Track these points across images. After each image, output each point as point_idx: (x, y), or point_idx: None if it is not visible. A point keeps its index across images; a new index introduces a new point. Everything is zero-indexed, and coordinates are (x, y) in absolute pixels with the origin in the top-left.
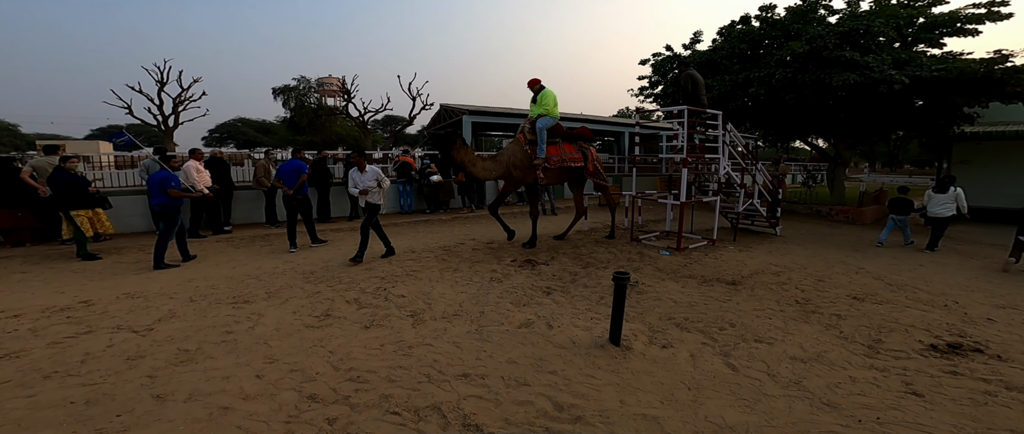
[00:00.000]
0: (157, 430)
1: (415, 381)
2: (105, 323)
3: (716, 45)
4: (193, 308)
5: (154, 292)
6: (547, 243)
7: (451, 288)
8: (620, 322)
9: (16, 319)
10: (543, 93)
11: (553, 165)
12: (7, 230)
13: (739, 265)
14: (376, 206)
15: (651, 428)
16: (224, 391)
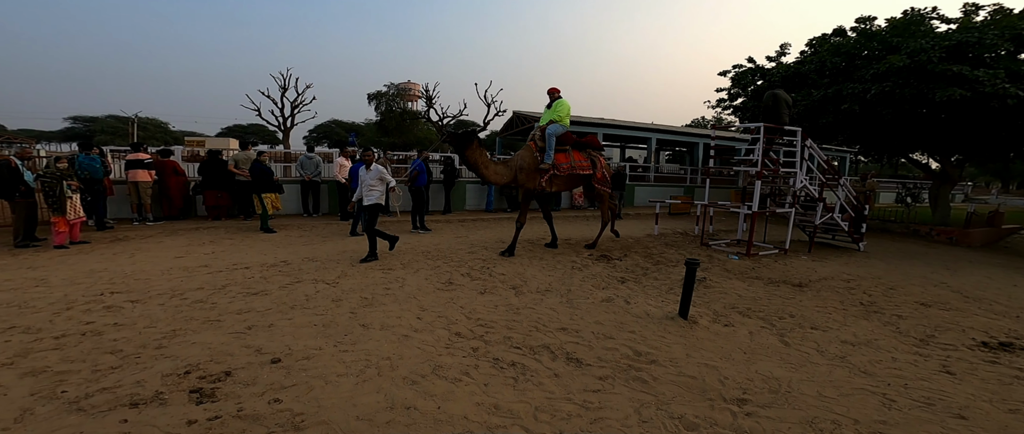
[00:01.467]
0: (371, 345)
1: (526, 330)
2: (305, 276)
3: (804, 57)
4: (356, 270)
5: (324, 257)
6: (620, 244)
7: (540, 271)
8: (689, 299)
9: (248, 270)
10: (558, 102)
11: (562, 172)
12: (211, 207)
13: (809, 271)
14: (377, 205)
15: (710, 373)
16: (400, 325)
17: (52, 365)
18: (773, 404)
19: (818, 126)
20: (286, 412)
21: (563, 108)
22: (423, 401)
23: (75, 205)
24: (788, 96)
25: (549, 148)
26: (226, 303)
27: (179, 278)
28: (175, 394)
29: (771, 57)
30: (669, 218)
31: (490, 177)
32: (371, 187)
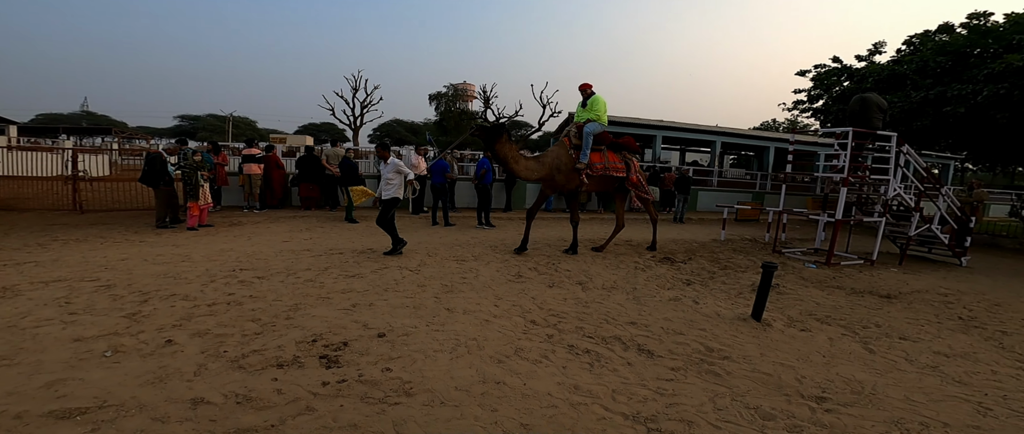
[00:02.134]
0: (458, 326)
1: (597, 322)
2: (390, 263)
3: (901, 56)
4: (433, 259)
5: (407, 246)
6: (683, 247)
7: (604, 269)
8: (764, 302)
9: (342, 255)
10: (594, 99)
11: (596, 172)
12: (305, 198)
13: (900, 284)
14: (394, 199)
15: (787, 372)
16: (480, 311)
17: (211, 329)
18: (855, 403)
19: (913, 130)
20: (396, 379)
21: (600, 105)
22: (510, 378)
23: (205, 192)
24: (881, 100)
25: (586, 147)
26: (331, 283)
27: (289, 259)
28: (309, 359)
29: (862, 56)
30: (735, 224)
31: (520, 173)
32: (388, 181)
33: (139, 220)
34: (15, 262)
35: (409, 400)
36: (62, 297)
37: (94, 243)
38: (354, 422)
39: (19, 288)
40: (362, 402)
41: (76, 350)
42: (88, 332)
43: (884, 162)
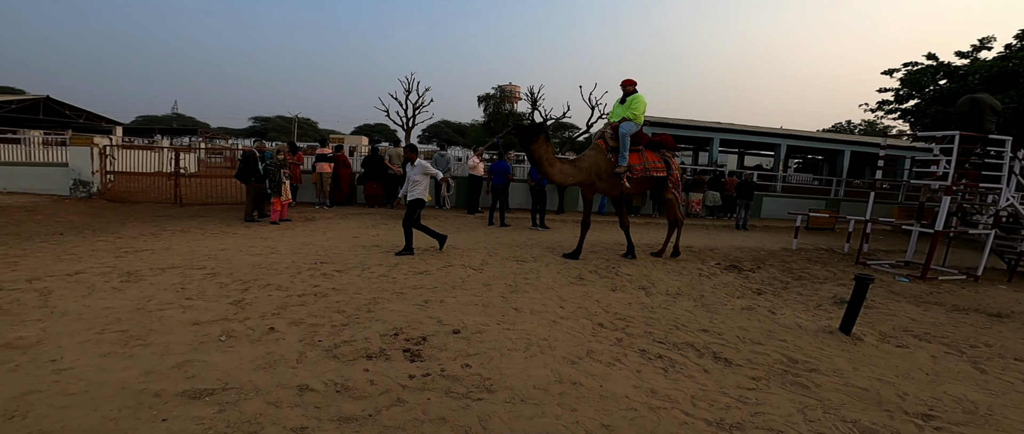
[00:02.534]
0: (528, 326)
1: (666, 328)
2: (454, 261)
3: (1011, 51)
4: (494, 260)
5: (465, 245)
6: (751, 255)
7: (666, 275)
8: (855, 316)
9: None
10: (635, 97)
11: (636, 174)
12: (369, 196)
13: (1011, 302)
14: (419, 201)
15: (886, 388)
16: (547, 312)
17: (304, 318)
18: (969, 423)
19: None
20: (476, 376)
21: (640, 105)
22: (586, 379)
23: (286, 189)
24: (994, 101)
25: (623, 149)
26: (402, 279)
27: (362, 254)
28: (394, 352)
29: (964, 53)
30: (806, 233)
31: (554, 176)
32: (415, 182)
33: (228, 213)
34: (135, 250)
35: (491, 396)
36: (177, 283)
37: (196, 234)
38: (442, 416)
39: (141, 274)
40: (447, 396)
41: (196, 333)
42: (203, 316)
43: (995, 169)
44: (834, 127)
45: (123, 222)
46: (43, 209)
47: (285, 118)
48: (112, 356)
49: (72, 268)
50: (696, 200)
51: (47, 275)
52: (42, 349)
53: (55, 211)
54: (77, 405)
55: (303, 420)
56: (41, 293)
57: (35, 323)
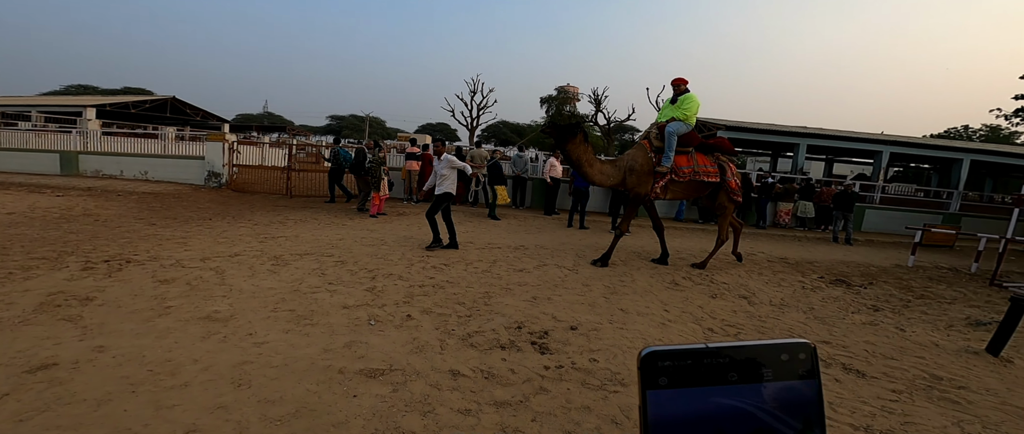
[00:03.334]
0: (639, 327)
1: (782, 336)
2: (547, 260)
3: None
4: (583, 261)
5: (551, 245)
6: (859, 270)
7: (765, 285)
8: (1007, 337)
9: (500, 249)
10: (686, 96)
11: (682, 178)
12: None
13: None
14: (447, 194)
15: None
16: (652, 314)
17: (431, 308)
18: None
19: None
20: (606, 370)
21: (693, 105)
22: None
23: (385, 184)
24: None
25: (669, 149)
26: (506, 275)
27: (461, 250)
28: (523, 343)
29: None
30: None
31: (594, 177)
32: (443, 176)
33: (331, 205)
34: (271, 236)
35: (625, 390)
36: (316, 269)
37: (313, 224)
38: (586, 404)
39: (285, 258)
40: (584, 387)
41: (349, 316)
42: (348, 301)
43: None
44: (947, 132)
45: (252, 210)
46: (186, 196)
47: (358, 117)
48: (293, 333)
49: (230, 250)
50: (785, 210)
51: (214, 255)
52: (237, 324)
53: (196, 199)
54: (284, 377)
55: (464, 403)
56: (216, 272)
57: (222, 299)
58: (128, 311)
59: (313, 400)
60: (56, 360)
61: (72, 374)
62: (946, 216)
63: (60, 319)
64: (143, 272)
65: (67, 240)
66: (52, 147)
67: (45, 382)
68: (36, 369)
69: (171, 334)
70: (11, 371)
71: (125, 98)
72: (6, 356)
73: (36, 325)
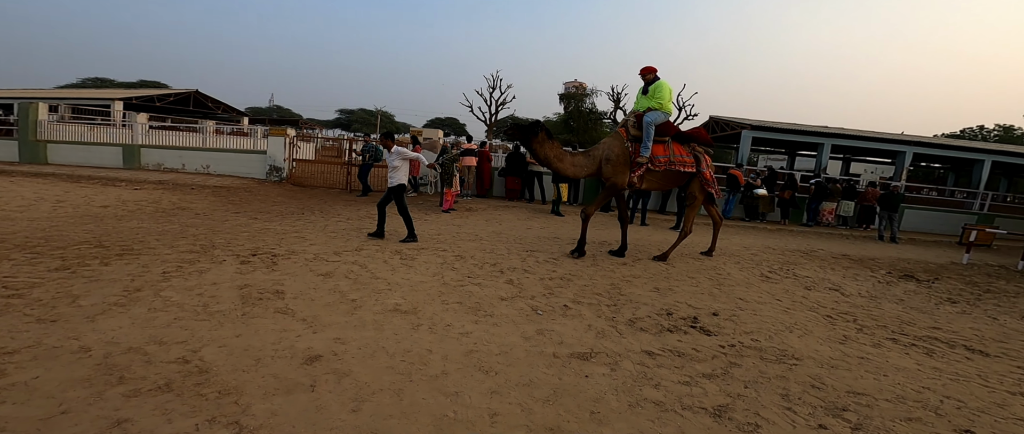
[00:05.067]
0: (769, 313)
1: (895, 323)
2: (641, 255)
3: None
4: (677, 256)
5: (631, 243)
6: (921, 266)
7: (843, 279)
8: None
9: (586, 244)
10: (658, 84)
11: (658, 167)
12: (509, 189)
13: None
14: (401, 186)
15: None
16: (769, 303)
17: (578, 299)
18: None
19: None
20: (772, 348)
21: (664, 92)
22: (866, 354)
23: (456, 181)
24: None
25: (647, 138)
26: (613, 268)
27: (553, 244)
28: (685, 326)
29: None
30: (960, 248)
31: (566, 170)
32: (395, 168)
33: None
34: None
35: (801, 363)
36: (443, 263)
37: (398, 220)
38: (779, 374)
39: (405, 253)
40: (764, 361)
41: (513, 307)
42: (500, 293)
43: None
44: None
45: (328, 204)
46: (255, 190)
47: (367, 111)
48: (482, 323)
49: (348, 245)
50: (828, 209)
51: (341, 250)
52: (426, 315)
53: (265, 192)
54: (515, 363)
55: (680, 376)
56: (358, 266)
57: (389, 292)
58: (322, 304)
59: (558, 382)
60: (317, 353)
61: (347, 365)
62: (980, 216)
63: (274, 312)
64: (296, 266)
65: (190, 234)
66: (114, 141)
67: (332, 373)
68: (310, 361)
69: (384, 326)
70: (292, 364)
71: (149, 91)
72: (269, 349)
73: (260, 318)
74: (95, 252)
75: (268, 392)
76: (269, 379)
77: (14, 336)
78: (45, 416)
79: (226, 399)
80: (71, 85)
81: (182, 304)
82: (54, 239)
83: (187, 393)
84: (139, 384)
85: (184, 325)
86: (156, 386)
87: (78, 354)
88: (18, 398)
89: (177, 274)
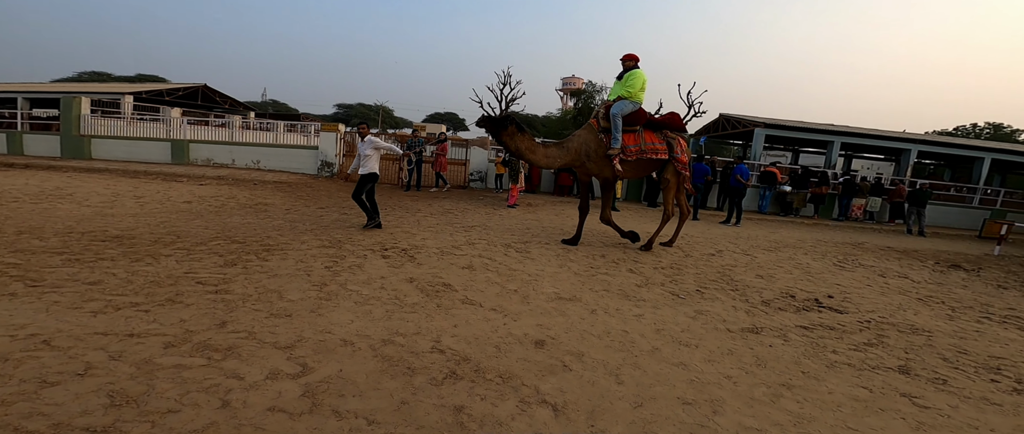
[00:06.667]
0: (871, 295)
1: (977, 306)
2: (726, 247)
3: None
4: (735, 246)
5: (706, 234)
6: (962, 257)
7: (903, 268)
8: None
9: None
10: (632, 73)
11: (630, 156)
12: (559, 185)
13: None
14: (372, 175)
15: None
16: (864, 288)
17: (702, 285)
18: None
19: None
20: (899, 323)
21: (638, 81)
22: (981, 329)
23: (522, 177)
24: None
25: (615, 129)
26: (709, 258)
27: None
28: (812, 305)
29: None
30: (977, 241)
31: (539, 161)
32: (367, 157)
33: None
34: (466, 225)
35: (934, 336)
36: (558, 255)
37: (479, 214)
38: (925, 344)
39: (518, 246)
40: (901, 334)
41: (654, 292)
42: (630, 281)
43: None
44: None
45: (395, 199)
46: (313, 186)
47: (366, 106)
48: (641, 307)
49: (457, 239)
50: (858, 205)
51: (459, 244)
52: (585, 301)
53: (324, 188)
54: (705, 337)
55: (846, 346)
56: (488, 258)
57: (537, 282)
58: (493, 295)
59: (752, 351)
60: (536, 338)
61: (572, 346)
62: (994, 212)
63: (461, 303)
64: (434, 259)
65: (303, 229)
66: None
67: (569, 354)
68: (538, 345)
69: (565, 312)
70: (527, 348)
71: (152, 86)
72: (493, 337)
73: (455, 309)
74: (236, 248)
75: (539, 374)
76: (525, 363)
77: (272, 331)
78: (391, 407)
79: (511, 382)
80: (68, 79)
81: (376, 297)
82: (185, 235)
83: (476, 379)
84: (432, 373)
85: (400, 317)
86: (445, 374)
87: (346, 347)
88: (347, 390)
89: (338, 269)
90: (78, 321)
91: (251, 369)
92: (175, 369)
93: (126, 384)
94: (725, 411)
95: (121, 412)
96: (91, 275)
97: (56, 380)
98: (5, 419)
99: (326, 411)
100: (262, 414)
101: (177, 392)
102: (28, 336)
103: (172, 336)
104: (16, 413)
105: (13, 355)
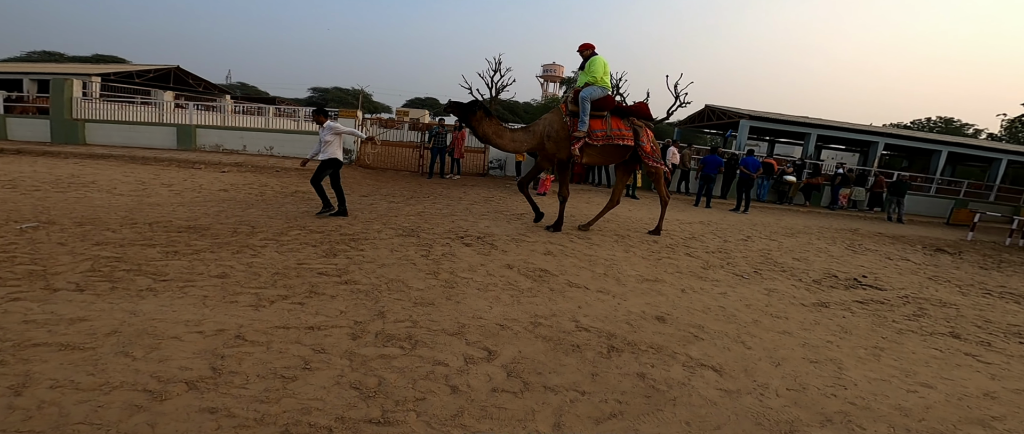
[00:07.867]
0: (892, 275)
1: (978, 284)
2: (754, 233)
3: None
4: (758, 233)
5: (717, 222)
6: (949, 242)
7: (901, 251)
8: None
9: (694, 225)
10: (593, 60)
11: (596, 141)
12: (576, 174)
13: None
14: (333, 160)
15: None
16: (883, 269)
17: (757, 267)
18: None
19: None
20: (931, 297)
21: (599, 67)
22: (994, 304)
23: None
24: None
25: (583, 113)
26: (742, 243)
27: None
28: (854, 284)
29: None
30: (948, 228)
31: (506, 146)
32: (327, 142)
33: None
34: (515, 214)
35: (961, 308)
36: (619, 240)
37: (513, 202)
38: (957, 315)
39: (579, 234)
40: (935, 307)
41: (716, 272)
42: (692, 264)
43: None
44: (914, 124)
45: (424, 187)
46: None
47: (342, 90)
48: (719, 286)
49: (518, 228)
50: (845, 195)
51: (525, 232)
52: (669, 283)
53: (346, 175)
54: (789, 311)
55: (897, 314)
56: (561, 246)
57: (617, 266)
58: (589, 277)
59: (832, 321)
60: (654, 314)
61: (689, 320)
62: (957, 201)
63: (566, 286)
64: (512, 245)
65: (364, 218)
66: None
67: (691, 327)
68: (660, 320)
69: (661, 291)
70: (652, 323)
71: (123, 67)
72: (618, 314)
73: (568, 291)
74: (320, 238)
75: (680, 343)
76: (662, 336)
77: (430, 318)
78: (586, 380)
79: (664, 351)
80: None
81: (493, 284)
82: (259, 226)
83: (635, 351)
84: (596, 349)
85: (529, 301)
86: (607, 348)
87: (505, 330)
88: (540, 368)
89: (435, 257)
90: (247, 315)
91: (446, 356)
92: (382, 359)
93: (355, 376)
94: (846, 367)
95: (380, 403)
96: (207, 268)
97: (291, 375)
98: (286, 416)
99: (538, 388)
100: (490, 395)
101: (404, 381)
102: (216, 332)
103: (348, 327)
104: (293, 409)
105: (222, 352)
